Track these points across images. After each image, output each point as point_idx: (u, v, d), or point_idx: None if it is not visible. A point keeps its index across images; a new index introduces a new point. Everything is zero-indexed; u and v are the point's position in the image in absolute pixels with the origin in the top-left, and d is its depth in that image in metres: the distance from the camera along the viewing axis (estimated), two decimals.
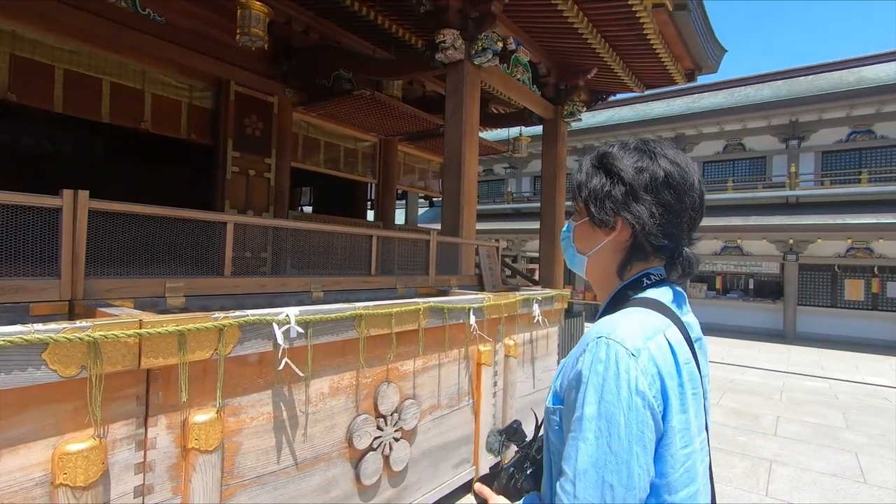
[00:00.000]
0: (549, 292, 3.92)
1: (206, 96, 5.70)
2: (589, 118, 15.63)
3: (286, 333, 1.78)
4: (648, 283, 0.82)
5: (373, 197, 9.08)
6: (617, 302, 0.82)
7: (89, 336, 1.28)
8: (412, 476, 2.54)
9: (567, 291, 4.33)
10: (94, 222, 1.91)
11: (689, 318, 0.83)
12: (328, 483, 2.07)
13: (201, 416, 1.57)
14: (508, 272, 8.79)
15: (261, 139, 5.97)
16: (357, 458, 2.20)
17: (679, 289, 0.85)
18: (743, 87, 14.82)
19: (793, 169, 12.51)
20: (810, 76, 13.94)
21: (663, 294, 0.80)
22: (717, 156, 14.27)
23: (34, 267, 1.73)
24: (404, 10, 5.27)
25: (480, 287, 4.16)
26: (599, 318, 0.80)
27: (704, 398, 0.79)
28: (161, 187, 7.60)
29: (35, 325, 1.25)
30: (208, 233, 2.57)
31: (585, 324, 10.93)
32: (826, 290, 12.84)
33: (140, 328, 1.40)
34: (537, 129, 7.21)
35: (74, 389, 1.31)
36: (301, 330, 1.83)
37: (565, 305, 4.31)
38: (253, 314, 1.70)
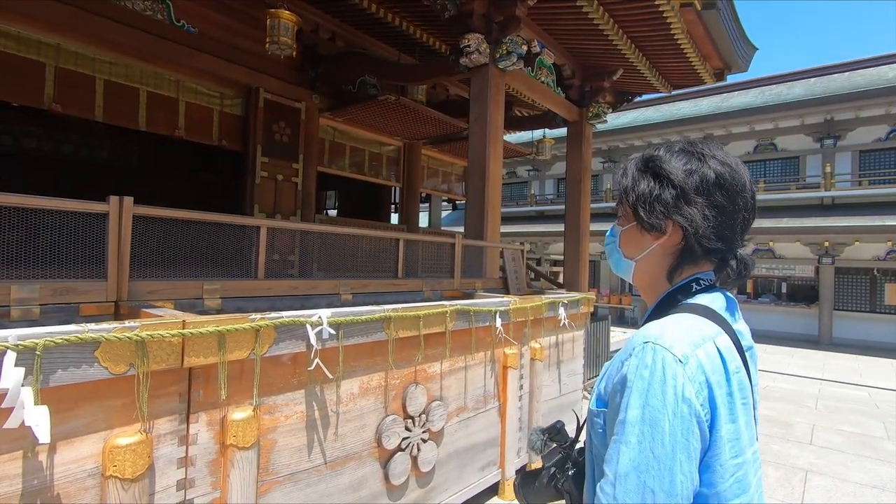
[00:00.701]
0: (575, 295, 3.90)
1: (237, 104, 5.87)
2: (614, 119, 15.44)
3: (319, 334, 1.83)
4: (698, 288, 0.80)
5: (397, 200, 9.17)
6: (665, 306, 0.81)
7: (137, 335, 1.35)
8: (439, 477, 2.56)
9: (593, 295, 4.29)
10: (135, 226, 1.99)
11: (741, 326, 0.81)
12: (358, 482, 2.11)
13: (239, 414, 1.63)
14: (532, 275, 8.75)
15: (289, 145, 6.11)
16: (386, 458, 2.24)
17: (731, 295, 0.83)
18: (775, 86, 14.42)
19: (828, 169, 12.11)
20: (846, 73, 13.48)
21: (714, 300, 0.79)
22: (748, 156, 13.91)
23: (82, 269, 1.82)
24: (429, 16, 5.32)
25: (505, 290, 4.16)
26: (645, 322, 0.80)
27: (754, 408, 0.78)
28: (192, 192, 7.83)
29: (88, 324, 1.32)
30: (241, 236, 2.66)
31: (612, 328, 10.75)
32: (864, 295, 12.36)
33: (183, 328, 1.46)
34: (561, 132, 7.17)
35: (123, 386, 1.37)
36: (332, 331, 1.88)
37: (591, 309, 4.27)
38: (287, 316, 1.76)
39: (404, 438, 2.31)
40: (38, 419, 1.15)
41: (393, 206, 9.76)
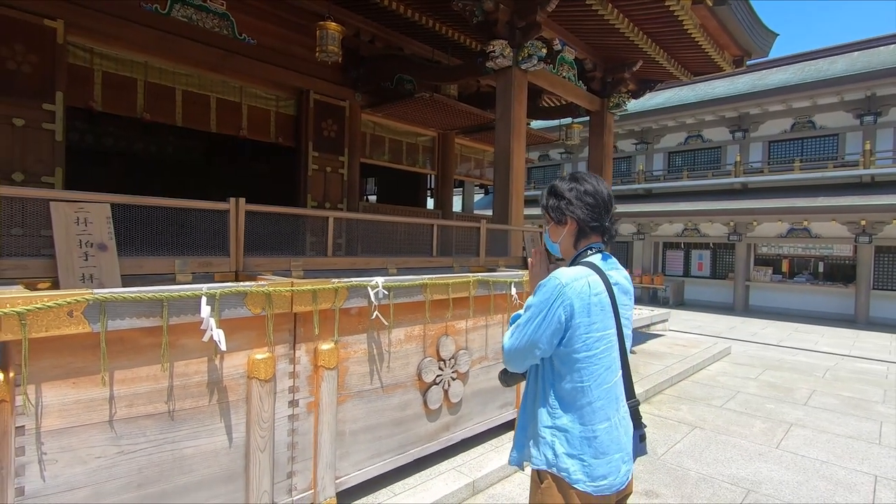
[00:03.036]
0: None
1: (290, 104, 6.67)
2: (647, 100, 15.48)
3: (376, 294, 2.57)
4: (591, 252, 1.49)
5: (432, 186, 9.86)
6: (573, 262, 1.50)
7: (267, 290, 2.12)
8: (466, 409, 3.30)
9: None
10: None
11: (613, 272, 1.48)
12: (404, 404, 2.88)
13: (326, 346, 2.40)
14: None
15: (335, 140, 6.89)
16: (425, 389, 2.99)
17: (608, 254, 1.51)
18: (814, 61, 14.11)
19: (867, 146, 11.93)
20: (892, 45, 13.06)
21: (596, 258, 1.47)
22: (784, 135, 13.77)
23: (215, 249, 2.62)
24: (459, 18, 5.91)
25: (526, 268, 4.82)
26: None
27: (621, 315, 1.44)
28: (250, 183, 8.77)
29: (240, 283, 2.10)
30: (303, 223, 3.45)
31: (641, 307, 11.21)
32: None
33: (292, 287, 2.23)
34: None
35: (258, 322, 2.16)
36: (386, 293, 2.62)
37: None
38: (355, 281, 2.51)
39: (438, 375, 3.05)
40: (219, 336, 1.93)
41: (429, 192, 10.46)
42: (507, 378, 1.63)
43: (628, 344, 1.49)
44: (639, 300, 15.15)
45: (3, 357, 1.69)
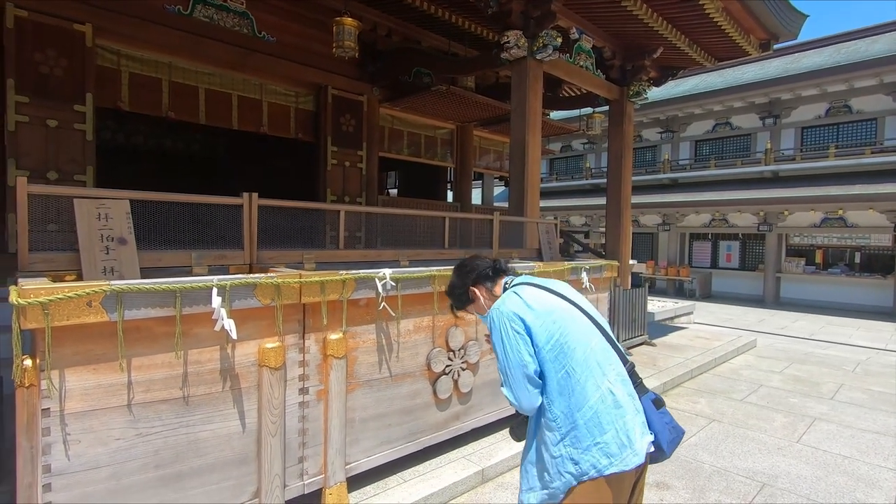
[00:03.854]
0: (598, 262, 4.48)
1: (309, 100, 6.78)
2: (672, 88, 15.09)
3: (384, 286, 2.63)
4: (508, 285, 1.66)
5: (452, 179, 9.88)
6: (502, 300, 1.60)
7: (276, 282, 2.20)
8: (476, 399, 3.34)
9: (616, 263, 4.82)
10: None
11: (539, 280, 1.63)
12: (414, 393, 2.94)
13: (334, 335, 2.48)
14: (579, 248, 9.24)
15: (353, 134, 6.97)
16: (434, 379, 3.04)
17: (521, 275, 1.70)
18: (851, 42, 13.47)
19: None
20: None
21: (516, 281, 1.66)
22: (818, 120, 13.22)
23: (229, 243, 2.72)
24: (475, 9, 5.88)
25: (540, 258, 4.81)
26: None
27: (562, 293, 1.55)
28: (272, 179, 8.95)
29: (249, 275, 2.18)
30: (323, 217, 3.53)
31: (663, 299, 11.09)
32: None
33: (300, 278, 2.30)
34: None
35: (268, 313, 2.24)
36: (393, 284, 2.67)
37: (615, 274, 4.82)
38: (363, 272, 2.57)
39: (447, 365, 3.10)
40: (230, 325, 2.02)
41: (448, 185, 10.48)
42: (517, 431, 1.67)
43: (591, 311, 1.55)
44: (663, 293, 14.87)
45: (30, 344, 1.81)
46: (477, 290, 1.71)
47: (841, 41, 13.94)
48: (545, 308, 1.47)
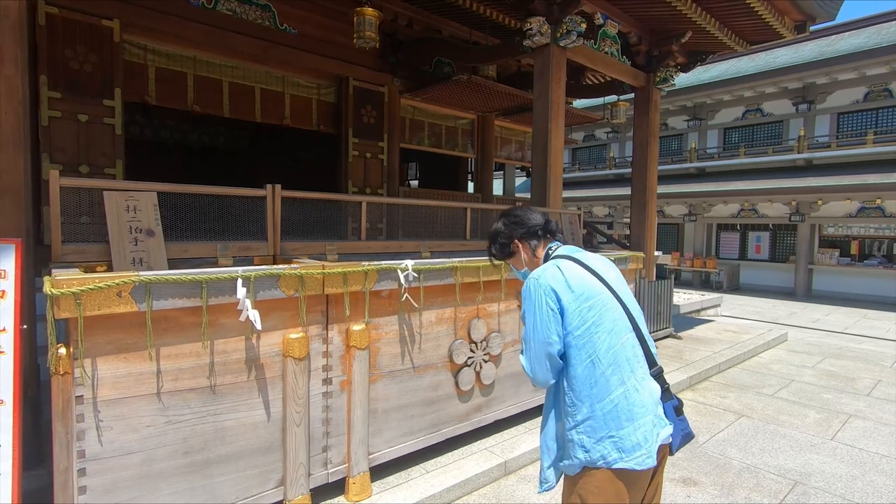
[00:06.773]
0: (623, 253, 4.39)
1: (330, 92, 6.79)
2: (701, 73, 14.65)
3: (406, 277, 2.62)
4: (552, 250, 1.61)
5: (472, 170, 9.80)
6: (544, 263, 1.57)
7: (299, 273, 2.21)
8: (498, 391, 3.32)
9: (641, 254, 4.72)
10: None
11: (583, 256, 1.54)
12: (436, 384, 2.93)
13: (357, 326, 2.48)
14: (603, 239, 9.09)
15: (375, 125, 6.97)
16: (456, 370, 3.03)
17: (570, 245, 1.62)
18: (892, 23, 12.81)
19: None
20: None
21: (560, 250, 1.58)
22: (855, 105, 12.66)
23: (254, 234, 2.75)
24: None
25: None
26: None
27: (607, 281, 1.47)
28: (294, 171, 9.04)
29: (275, 266, 2.19)
30: (345, 209, 3.53)
31: (689, 291, 10.87)
32: None
33: (323, 269, 2.31)
34: None
35: (292, 303, 2.25)
36: (416, 275, 2.66)
37: (640, 265, 4.71)
38: (385, 263, 2.56)
39: (469, 357, 3.08)
40: (254, 316, 2.04)
41: (469, 176, 10.41)
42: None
43: (630, 305, 1.50)
44: (689, 284, 14.55)
45: (64, 333, 1.86)
46: (521, 246, 1.64)
47: (880, 22, 13.26)
48: (584, 292, 1.42)
